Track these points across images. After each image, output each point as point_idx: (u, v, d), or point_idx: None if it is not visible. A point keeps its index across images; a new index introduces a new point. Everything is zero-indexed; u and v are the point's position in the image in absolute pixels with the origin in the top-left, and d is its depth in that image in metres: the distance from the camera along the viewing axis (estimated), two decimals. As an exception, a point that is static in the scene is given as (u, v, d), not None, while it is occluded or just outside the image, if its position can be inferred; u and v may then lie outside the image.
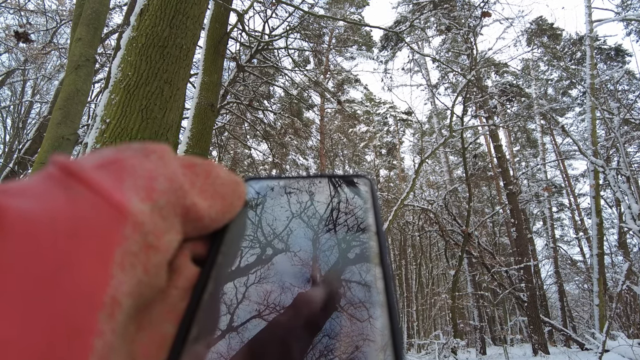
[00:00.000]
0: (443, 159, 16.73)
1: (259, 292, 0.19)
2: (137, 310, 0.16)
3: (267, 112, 9.74)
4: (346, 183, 0.27)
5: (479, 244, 11.06)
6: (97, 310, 0.13)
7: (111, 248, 0.15)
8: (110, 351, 0.14)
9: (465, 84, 9.61)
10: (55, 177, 0.16)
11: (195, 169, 0.21)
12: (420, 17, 12.23)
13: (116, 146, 0.19)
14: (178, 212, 0.18)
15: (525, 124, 18.24)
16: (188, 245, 0.20)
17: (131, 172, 0.18)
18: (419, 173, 9.85)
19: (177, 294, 0.18)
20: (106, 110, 2.07)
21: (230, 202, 0.22)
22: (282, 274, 0.20)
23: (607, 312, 8.50)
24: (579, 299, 19.86)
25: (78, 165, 0.17)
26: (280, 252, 0.21)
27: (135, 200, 0.16)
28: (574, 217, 19.74)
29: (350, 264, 0.20)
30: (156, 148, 0.20)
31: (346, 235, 0.22)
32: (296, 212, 0.24)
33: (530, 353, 11.16)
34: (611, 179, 7.85)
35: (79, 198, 0.15)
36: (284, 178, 0.27)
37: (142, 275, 0.16)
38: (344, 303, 0.18)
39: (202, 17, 2.52)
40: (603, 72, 12.83)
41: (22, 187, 0.15)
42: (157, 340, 0.17)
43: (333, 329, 0.17)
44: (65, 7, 10.72)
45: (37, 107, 14.54)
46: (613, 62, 15.59)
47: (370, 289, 0.19)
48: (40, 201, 0.15)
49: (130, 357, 0.15)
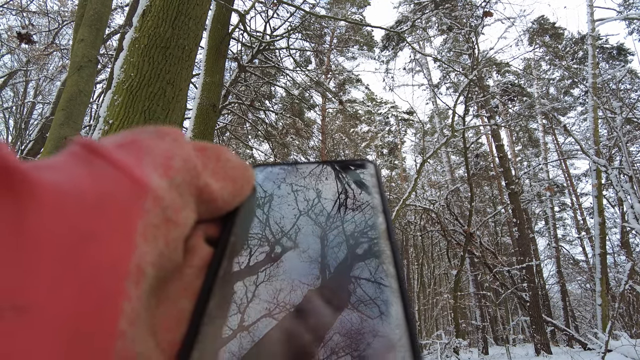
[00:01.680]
0: (445, 159, 16.70)
1: (268, 290, 0.19)
2: (157, 285, 0.17)
3: (268, 112, 9.76)
4: (350, 168, 0.27)
5: (481, 244, 11.03)
6: (124, 277, 0.14)
7: (134, 220, 0.15)
8: (138, 317, 0.14)
9: (467, 83, 9.60)
10: (78, 154, 0.17)
11: (206, 152, 0.21)
12: (421, 17, 12.21)
13: (131, 130, 0.20)
14: (192, 191, 0.19)
15: (527, 123, 18.21)
16: (201, 226, 0.21)
17: (148, 151, 0.18)
18: (420, 173, 9.84)
19: (192, 273, 0.19)
20: (109, 111, 2.08)
21: (241, 185, 0.22)
22: (290, 270, 0.20)
23: (609, 312, 8.48)
24: (582, 299, 19.80)
25: (99, 143, 0.17)
26: (288, 246, 0.22)
27: (154, 176, 0.17)
28: (576, 217, 19.68)
29: (359, 259, 0.20)
30: (170, 130, 0.20)
31: (354, 229, 0.22)
32: (302, 202, 0.25)
33: (532, 353, 11.13)
34: (614, 179, 7.83)
35: (101, 173, 0.16)
36: (288, 164, 0.27)
37: (163, 247, 0.17)
38: (355, 299, 0.18)
39: (204, 17, 2.52)
40: (605, 71, 12.80)
41: (49, 163, 0.16)
42: (175, 315, 0.17)
43: (345, 326, 0.17)
44: (67, 8, 10.75)
45: (39, 108, 14.59)
46: (615, 61, 15.55)
47: (381, 285, 0.18)
48: (67, 175, 0.15)
49: (152, 330, 0.16)
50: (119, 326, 0.13)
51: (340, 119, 18.58)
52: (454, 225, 11.33)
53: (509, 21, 12.35)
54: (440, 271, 19.11)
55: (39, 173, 0.14)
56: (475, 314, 15.33)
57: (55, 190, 0.14)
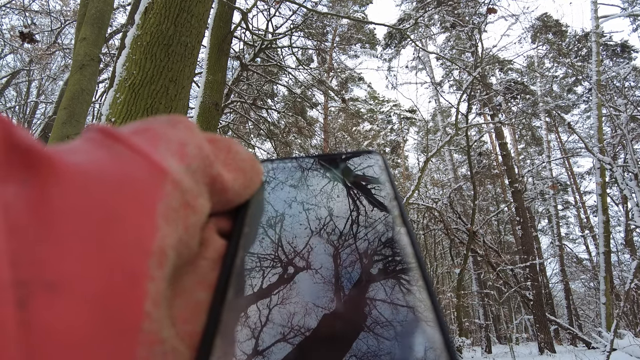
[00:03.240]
0: (447, 157, 16.66)
1: (282, 314, 0.18)
2: (173, 276, 0.16)
3: (270, 111, 9.73)
4: (355, 159, 0.27)
5: (484, 242, 11.00)
6: (148, 257, 0.14)
7: (155, 201, 0.15)
8: (162, 300, 0.14)
9: (470, 81, 9.55)
10: (96, 139, 0.17)
11: (217, 143, 0.21)
12: (424, 14, 12.16)
13: (143, 119, 0.20)
14: (207, 180, 0.19)
15: (530, 121, 18.12)
16: (213, 220, 0.21)
17: (163, 138, 0.18)
18: (424, 171, 9.80)
19: (206, 265, 0.19)
20: (111, 109, 2.06)
21: (250, 177, 0.22)
22: (304, 288, 0.19)
23: (614, 311, 8.43)
24: (585, 297, 19.73)
25: (116, 129, 0.17)
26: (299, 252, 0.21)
27: (172, 161, 0.17)
28: (579, 215, 19.60)
29: (378, 276, 0.19)
30: (182, 119, 0.20)
31: (369, 242, 0.21)
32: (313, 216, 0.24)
33: (536, 352, 11.11)
34: (618, 177, 7.77)
35: (121, 156, 0.16)
36: (294, 159, 0.27)
37: (182, 232, 0.16)
38: (372, 322, 0.17)
39: (207, 15, 2.50)
40: (609, 68, 12.72)
41: (69, 147, 0.16)
42: (192, 306, 0.17)
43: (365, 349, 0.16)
44: (69, 8, 10.76)
45: (42, 107, 14.64)
46: (619, 59, 15.46)
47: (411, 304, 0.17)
48: (88, 156, 0.16)
49: (171, 320, 0.16)
50: (145, 307, 0.13)
51: (342, 117, 18.55)
52: (457, 223, 11.30)
53: (513, 18, 12.27)
54: (443, 270, 19.06)
55: (60, 154, 0.15)
56: (479, 312, 15.31)
57: (77, 170, 0.14)
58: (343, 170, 0.26)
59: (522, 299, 11.20)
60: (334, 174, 0.26)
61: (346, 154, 0.27)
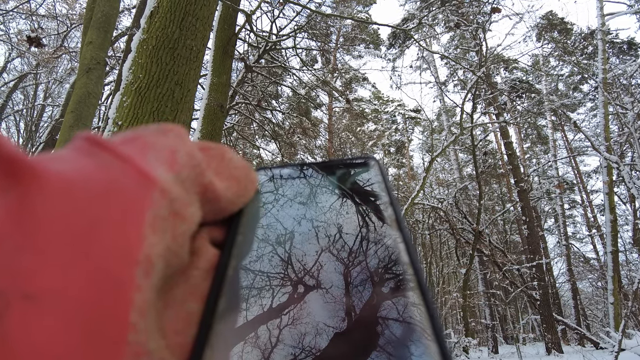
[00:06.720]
0: (453, 157, 16.61)
1: (292, 334, 0.18)
2: (163, 286, 0.16)
3: (275, 112, 9.77)
4: (352, 167, 0.27)
5: (490, 242, 10.95)
6: (134, 266, 0.14)
7: (142, 209, 0.15)
8: (148, 311, 0.14)
9: (475, 80, 9.51)
10: (83, 148, 0.17)
11: (210, 151, 0.21)
12: (428, 14, 12.13)
13: (133, 129, 0.20)
14: (197, 189, 0.19)
15: (536, 120, 18.02)
16: (205, 229, 0.20)
17: (153, 146, 0.18)
18: (429, 171, 9.78)
19: (198, 275, 0.18)
20: (118, 113, 2.08)
21: (244, 186, 0.22)
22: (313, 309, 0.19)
23: (622, 311, 8.36)
24: (593, 297, 19.57)
25: (103, 138, 0.17)
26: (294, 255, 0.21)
27: (160, 169, 0.17)
28: (586, 214, 19.46)
29: (386, 297, 0.19)
30: (173, 127, 0.20)
31: (374, 263, 0.20)
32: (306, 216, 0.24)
33: (543, 352, 11.03)
34: (626, 175, 7.70)
35: (107, 164, 0.16)
36: (290, 166, 0.27)
37: (170, 241, 0.16)
38: (384, 342, 0.17)
39: (212, 18, 2.52)
40: (615, 66, 12.61)
41: (54, 155, 0.16)
42: (183, 317, 0.17)
43: None
44: (75, 11, 10.86)
45: (49, 111, 14.79)
46: (626, 56, 15.31)
47: (411, 324, 0.17)
48: (73, 165, 0.15)
49: (161, 331, 0.15)
50: (130, 318, 0.13)
51: (347, 117, 18.54)
52: (462, 223, 11.26)
53: (517, 17, 12.21)
54: (449, 270, 19.00)
55: (43, 163, 0.14)
56: (485, 312, 15.24)
57: (61, 178, 0.14)
58: (340, 177, 0.26)
59: (528, 299, 11.13)
60: (330, 181, 0.26)
61: (343, 160, 0.27)
